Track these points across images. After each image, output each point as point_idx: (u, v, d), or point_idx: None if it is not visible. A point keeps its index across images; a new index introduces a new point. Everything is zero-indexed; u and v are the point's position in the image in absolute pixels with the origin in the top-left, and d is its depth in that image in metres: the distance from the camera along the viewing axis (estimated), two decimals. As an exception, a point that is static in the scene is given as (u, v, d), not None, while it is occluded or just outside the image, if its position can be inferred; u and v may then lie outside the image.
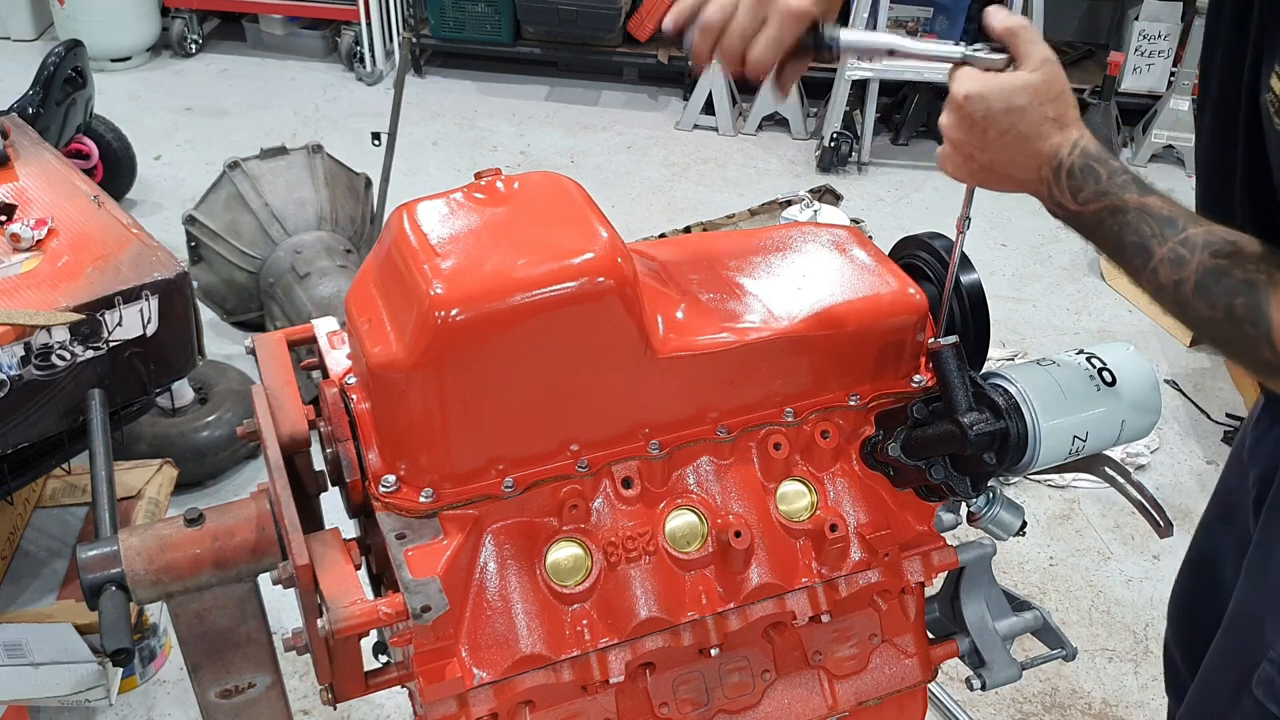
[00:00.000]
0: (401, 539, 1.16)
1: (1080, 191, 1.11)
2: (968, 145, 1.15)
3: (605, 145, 4.80)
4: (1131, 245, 1.09)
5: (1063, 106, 1.12)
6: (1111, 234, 1.10)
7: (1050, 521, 2.99)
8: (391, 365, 1.14)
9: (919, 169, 4.61)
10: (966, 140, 1.15)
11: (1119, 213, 1.09)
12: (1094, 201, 1.10)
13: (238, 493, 2.91)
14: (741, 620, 1.27)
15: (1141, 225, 1.08)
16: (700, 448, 1.28)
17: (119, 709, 2.38)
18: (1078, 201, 1.11)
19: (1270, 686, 1.23)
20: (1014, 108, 1.10)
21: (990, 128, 1.12)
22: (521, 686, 1.19)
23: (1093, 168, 1.10)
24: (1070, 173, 1.11)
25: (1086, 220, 1.12)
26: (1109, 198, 1.09)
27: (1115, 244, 1.11)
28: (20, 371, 1.90)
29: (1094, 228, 1.12)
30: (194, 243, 3.32)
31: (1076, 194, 1.11)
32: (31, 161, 2.38)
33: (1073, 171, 1.11)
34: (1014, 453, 1.22)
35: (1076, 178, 1.10)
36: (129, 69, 5.26)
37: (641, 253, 1.30)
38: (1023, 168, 1.13)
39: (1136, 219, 1.08)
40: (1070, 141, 1.11)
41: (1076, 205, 1.11)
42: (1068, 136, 1.11)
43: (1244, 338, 1.04)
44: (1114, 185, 1.10)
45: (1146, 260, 1.08)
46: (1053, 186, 1.12)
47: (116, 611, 1.15)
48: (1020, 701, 2.50)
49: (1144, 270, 1.09)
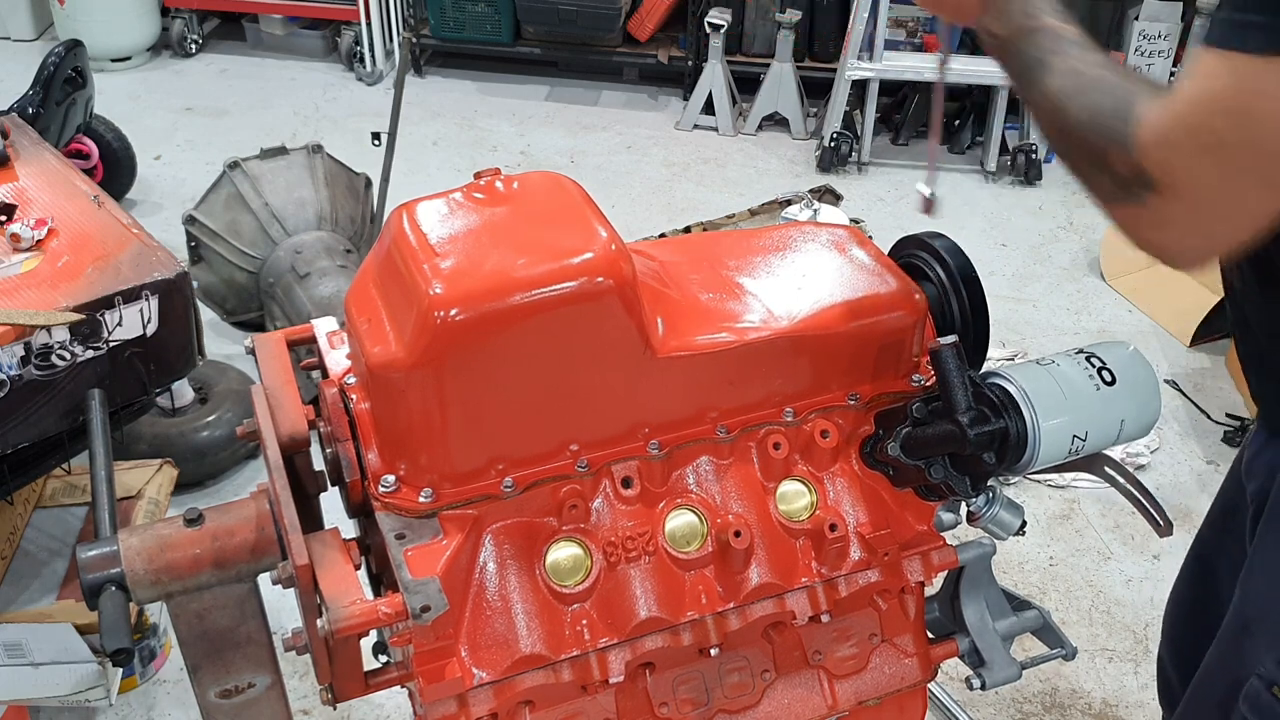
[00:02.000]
0: (401, 539, 1.16)
1: (1009, 15, 1.14)
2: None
3: (605, 145, 4.80)
4: (1034, 61, 1.10)
5: None
6: (1021, 54, 1.12)
7: (1050, 521, 2.99)
8: (391, 365, 1.14)
9: (919, 169, 4.60)
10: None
11: (1034, 33, 1.11)
12: (1016, 23, 1.13)
13: (238, 493, 2.91)
14: (741, 620, 1.27)
15: (1047, 42, 1.10)
16: (700, 448, 1.28)
17: (119, 709, 2.38)
18: (1004, 26, 1.14)
19: (1256, 701, 1.23)
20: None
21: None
22: (521, 686, 1.19)
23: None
24: None
25: (1007, 45, 1.14)
26: (1031, 20, 1.12)
27: (1021, 62, 1.12)
28: (20, 371, 1.90)
29: (1010, 51, 1.14)
30: (194, 243, 3.32)
31: (1005, 18, 1.14)
32: (31, 161, 2.38)
33: None
34: (1013, 452, 1.22)
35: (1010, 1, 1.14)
36: (129, 69, 5.26)
37: (641, 253, 1.30)
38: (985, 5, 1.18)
39: (1046, 37, 1.10)
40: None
41: (1003, 29, 1.14)
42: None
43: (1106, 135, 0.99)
44: (1039, 9, 1.12)
45: (1042, 71, 1.08)
46: (989, 11, 1.16)
47: (116, 611, 1.15)
48: (1020, 701, 2.50)
49: (1036, 83, 1.09)
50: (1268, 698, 1.22)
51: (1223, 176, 0.92)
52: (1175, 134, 0.93)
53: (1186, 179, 0.94)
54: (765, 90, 4.80)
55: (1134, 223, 1.01)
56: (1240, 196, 0.93)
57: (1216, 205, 0.95)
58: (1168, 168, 0.94)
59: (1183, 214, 0.96)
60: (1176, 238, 0.99)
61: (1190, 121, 0.93)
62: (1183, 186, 0.94)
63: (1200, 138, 0.92)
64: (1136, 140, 0.96)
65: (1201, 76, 0.92)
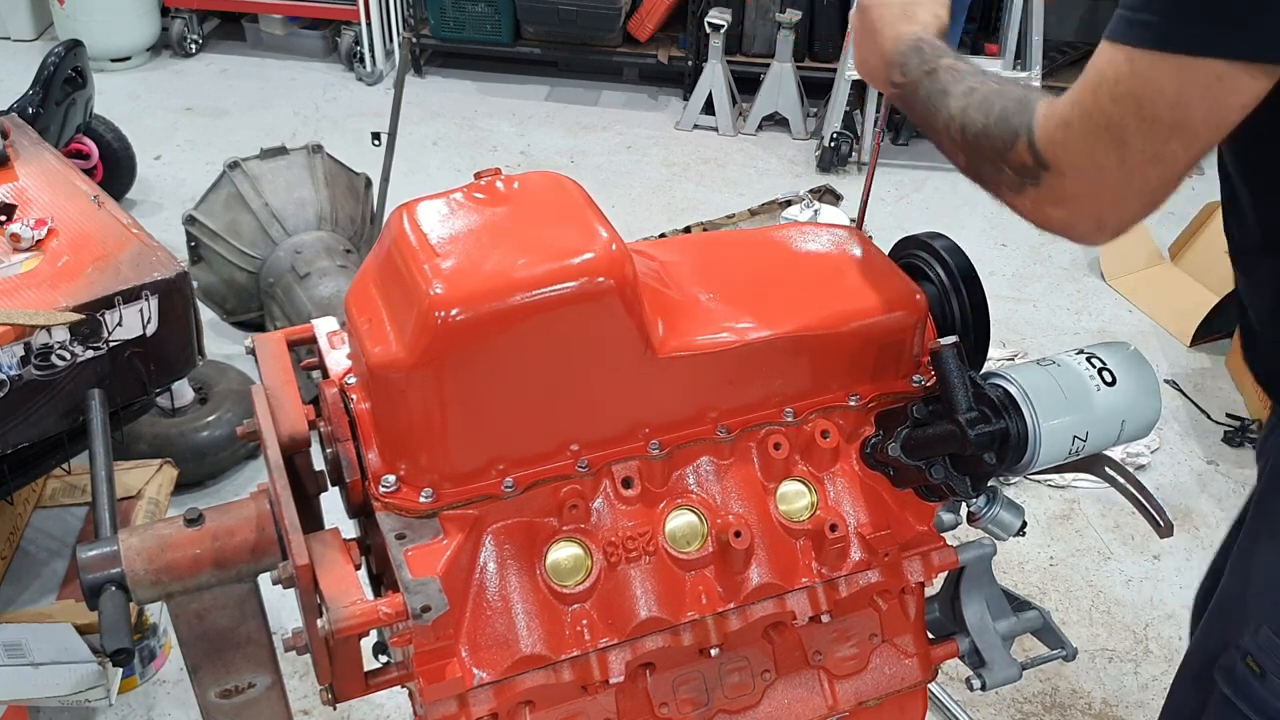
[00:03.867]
0: (401, 539, 1.16)
1: (907, 66, 1.23)
2: (856, 33, 1.35)
3: (605, 145, 4.80)
4: (937, 94, 1.19)
5: (920, 8, 1.29)
6: (924, 93, 1.21)
7: (1050, 521, 2.99)
8: (391, 365, 1.14)
9: (919, 169, 4.60)
10: (856, 28, 1.35)
11: (933, 73, 1.20)
12: (916, 70, 1.22)
13: (238, 493, 2.91)
14: (741, 620, 1.27)
15: (947, 76, 1.19)
16: (700, 448, 1.28)
17: (119, 709, 2.38)
18: (905, 75, 1.24)
19: (1230, 673, 1.25)
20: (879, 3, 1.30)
21: (866, 23, 1.32)
22: (521, 686, 1.19)
23: (921, 48, 1.24)
24: (904, 53, 1.25)
25: (910, 90, 1.23)
26: (927, 64, 1.22)
27: (925, 98, 1.20)
28: (20, 371, 1.90)
29: (914, 95, 1.22)
30: (194, 243, 3.32)
31: (905, 69, 1.24)
32: (31, 161, 2.38)
33: (905, 52, 1.24)
34: (1014, 453, 1.22)
35: (908, 56, 1.24)
36: (129, 69, 5.26)
37: (641, 253, 1.30)
38: (880, 56, 1.28)
39: (945, 73, 1.20)
40: (912, 32, 1.26)
41: (903, 78, 1.24)
42: (912, 28, 1.26)
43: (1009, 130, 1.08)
44: (934, 57, 1.22)
45: (944, 99, 1.17)
46: (891, 68, 1.26)
47: (116, 611, 1.15)
48: (1020, 701, 2.50)
49: (941, 110, 1.17)
50: (1242, 669, 1.23)
51: (1113, 152, 1.01)
52: (1070, 115, 1.03)
53: (1081, 156, 1.03)
54: (765, 90, 4.80)
55: (1034, 204, 1.10)
56: (1129, 170, 1.01)
57: (1109, 178, 1.03)
58: (1064, 147, 1.04)
59: (1079, 189, 1.05)
60: (1076, 212, 1.07)
61: (1085, 104, 1.02)
62: (1078, 163, 1.04)
63: (1094, 118, 1.01)
64: (1037, 126, 1.06)
65: (1096, 66, 1.02)
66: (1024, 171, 1.08)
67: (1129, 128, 0.99)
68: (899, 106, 1.28)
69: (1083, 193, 1.05)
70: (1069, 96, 1.04)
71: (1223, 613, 1.32)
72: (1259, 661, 1.22)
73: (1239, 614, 1.26)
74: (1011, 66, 4.48)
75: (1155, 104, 0.98)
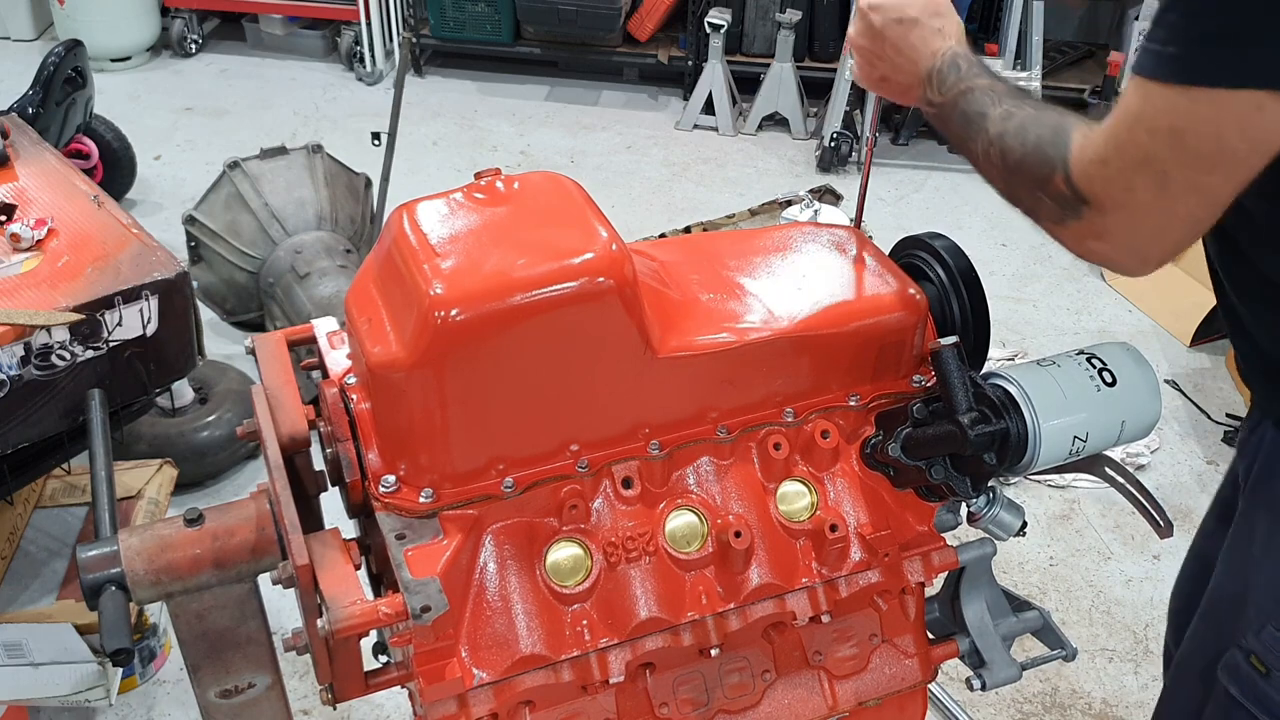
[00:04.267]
0: (401, 539, 1.15)
1: (945, 83, 1.22)
2: (869, 53, 1.30)
3: (605, 145, 4.80)
4: (974, 114, 1.17)
5: (946, 20, 1.26)
6: (961, 112, 1.19)
7: (1050, 521, 2.99)
8: (391, 365, 1.14)
9: (919, 169, 4.60)
10: (869, 48, 1.30)
11: (969, 93, 1.19)
12: (953, 89, 1.21)
13: (238, 493, 2.91)
14: (741, 620, 1.27)
15: (984, 97, 1.17)
16: (700, 448, 1.28)
17: (119, 709, 2.38)
18: (942, 93, 1.22)
19: (1235, 672, 1.25)
20: (906, 19, 1.26)
21: (887, 37, 1.27)
22: (521, 687, 1.19)
23: (958, 63, 1.22)
24: (940, 70, 1.22)
25: (947, 109, 1.21)
26: (964, 83, 1.20)
27: (962, 119, 1.19)
28: (20, 371, 1.90)
29: (951, 114, 1.21)
30: (194, 243, 3.32)
31: (942, 87, 1.22)
32: (31, 161, 2.38)
33: (943, 69, 1.22)
34: (1014, 453, 1.22)
35: (945, 73, 1.22)
36: (129, 69, 5.26)
37: (641, 253, 1.30)
38: (910, 74, 1.26)
39: (982, 93, 1.18)
40: (947, 47, 1.24)
41: (941, 97, 1.22)
42: (946, 43, 1.24)
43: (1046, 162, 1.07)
44: (971, 74, 1.20)
45: (983, 121, 1.16)
46: (928, 86, 1.24)
47: (116, 611, 1.15)
48: (1020, 701, 2.50)
49: (979, 133, 1.16)
50: (1246, 668, 1.24)
51: (1153, 187, 1.00)
52: (1107, 151, 1.02)
53: (1120, 192, 1.02)
54: (765, 90, 4.79)
55: (1078, 237, 1.08)
56: (1170, 204, 1.01)
57: (1150, 213, 1.02)
58: (1101, 183, 1.03)
59: (1121, 224, 1.04)
60: (1118, 246, 1.06)
61: (1121, 139, 1.01)
62: (1118, 198, 1.03)
63: (1129, 153, 1.00)
64: (1072, 161, 1.05)
65: (1129, 101, 1.00)
66: (1064, 203, 1.07)
67: (1168, 162, 0.98)
68: (933, 123, 1.26)
69: (1124, 227, 1.04)
70: (1105, 132, 1.03)
71: (1221, 612, 1.32)
72: (1264, 660, 1.22)
73: (1240, 613, 1.26)
74: (1012, 66, 4.48)
75: (1195, 138, 0.96)
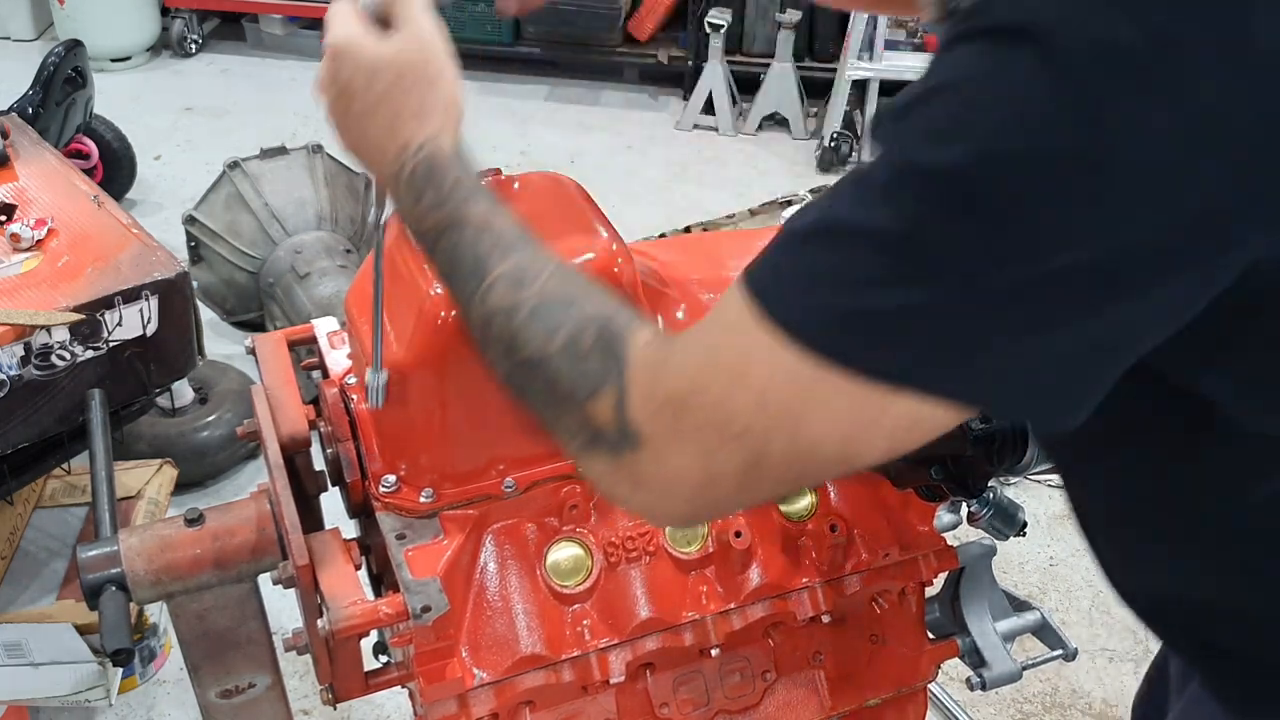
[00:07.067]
0: (401, 539, 1.15)
1: (419, 199, 0.91)
2: (336, 111, 0.96)
3: (605, 145, 4.80)
4: (466, 261, 0.88)
5: (427, 94, 0.93)
6: (446, 251, 0.90)
7: (1050, 521, 2.99)
8: (392, 365, 1.13)
9: (919, 169, 4.60)
10: (335, 104, 0.96)
11: (456, 228, 0.89)
12: (432, 212, 0.90)
13: (238, 493, 2.91)
14: (742, 620, 1.27)
15: (480, 242, 0.88)
16: (700, 448, 1.28)
17: (119, 709, 2.38)
18: (416, 210, 0.92)
19: None
20: (374, 88, 0.93)
21: (354, 101, 0.94)
22: (522, 687, 1.19)
23: (436, 173, 0.91)
24: (412, 176, 0.92)
25: (425, 234, 0.92)
26: (447, 208, 0.90)
27: (449, 262, 0.90)
28: (20, 371, 1.90)
29: (432, 243, 0.92)
30: (194, 243, 3.32)
31: (416, 201, 0.92)
32: (31, 161, 2.37)
33: (414, 175, 0.92)
34: (1014, 453, 1.22)
35: (417, 183, 0.91)
36: (129, 69, 5.25)
37: (641, 253, 1.30)
38: (380, 161, 0.95)
39: (475, 236, 0.88)
40: (419, 140, 0.92)
41: (414, 214, 0.92)
42: (421, 133, 0.92)
43: (586, 376, 0.79)
44: (456, 196, 0.90)
45: (480, 280, 0.86)
46: (397, 189, 0.93)
47: (116, 611, 1.15)
48: (1020, 701, 2.50)
49: (475, 294, 0.86)
50: None
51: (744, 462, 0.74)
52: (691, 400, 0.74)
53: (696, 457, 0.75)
54: (765, 90, 4.79)
55: (605, 474, 0.81)
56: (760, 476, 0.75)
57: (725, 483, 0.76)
58: (673, 438, 0.75)
59: (677, 482, 0.77)
60: (662, 501, 0.80)
61: (714, 395, 0.73)
62: (686, 462, 0.75)
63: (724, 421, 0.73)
64: (631, 391, 0.77)
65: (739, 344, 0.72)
66: (598, 434, 0.78)
67: (773, 447, 0.72)
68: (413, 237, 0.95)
69: (678, 487, 0.77)
70: (688, 368, 0.75)
71: None
72: None
73: None
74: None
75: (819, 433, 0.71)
